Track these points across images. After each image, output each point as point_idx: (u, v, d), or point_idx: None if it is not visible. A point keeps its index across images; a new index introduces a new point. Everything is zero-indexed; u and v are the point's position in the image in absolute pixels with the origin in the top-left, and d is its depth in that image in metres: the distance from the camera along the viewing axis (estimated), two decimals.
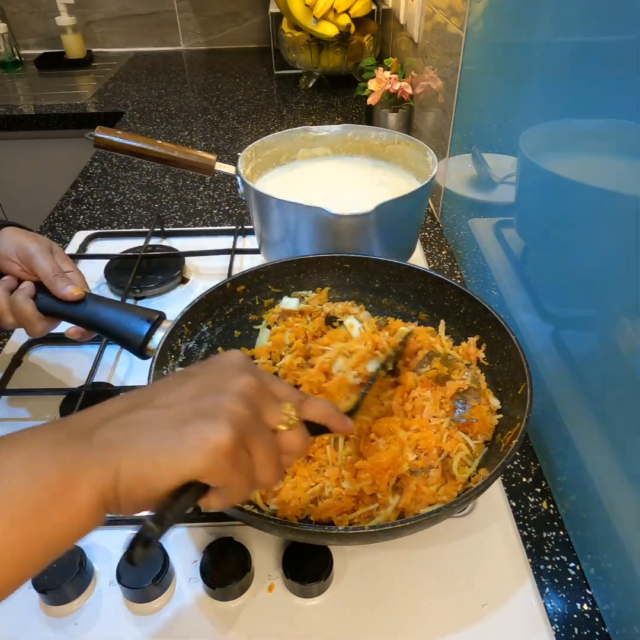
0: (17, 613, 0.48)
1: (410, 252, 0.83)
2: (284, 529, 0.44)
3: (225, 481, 0.32)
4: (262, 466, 0.35)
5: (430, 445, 0.53)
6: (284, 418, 0.36)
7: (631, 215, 0.43)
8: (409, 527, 0.44)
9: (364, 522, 0.49)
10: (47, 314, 0.61)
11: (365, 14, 1.56)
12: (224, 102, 1.65)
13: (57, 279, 0.60)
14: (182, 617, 0.48)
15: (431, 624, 0.48)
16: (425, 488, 0.50)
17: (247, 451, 0.34)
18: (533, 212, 0.66)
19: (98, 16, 2.02)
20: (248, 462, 0.34)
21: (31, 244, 0.61)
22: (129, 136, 0.77)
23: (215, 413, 0.33)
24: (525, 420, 0.50)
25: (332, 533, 0.44)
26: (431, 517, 0.44)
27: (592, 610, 0.50)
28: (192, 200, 1.15)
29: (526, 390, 0.52)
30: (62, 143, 1.61)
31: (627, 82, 0.44)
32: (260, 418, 0.35)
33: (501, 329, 0.59)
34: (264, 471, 0.35)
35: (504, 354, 0.59)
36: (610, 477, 0.48)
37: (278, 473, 0.36)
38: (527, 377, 0.53)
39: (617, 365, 0.47)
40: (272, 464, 0.35)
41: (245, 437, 0.33)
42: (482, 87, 0.82)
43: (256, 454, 0.34)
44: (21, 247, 0.60)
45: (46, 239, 0.63)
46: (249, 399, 0.35)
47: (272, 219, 0.75)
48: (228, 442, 0.31)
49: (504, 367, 0.59)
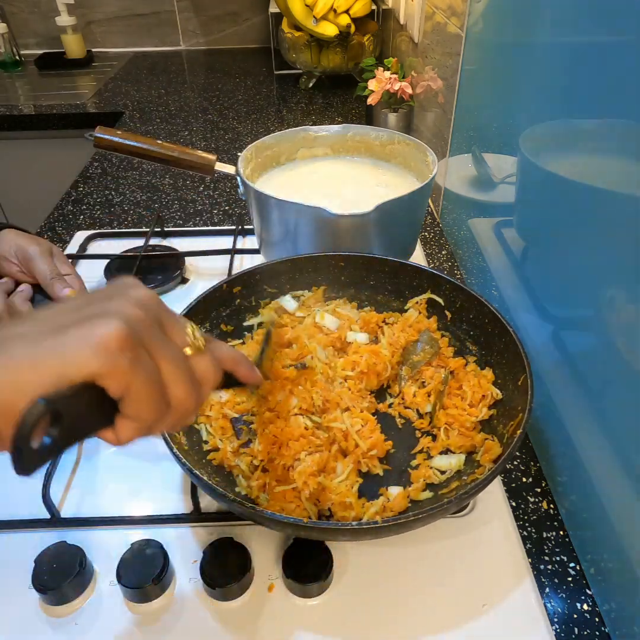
0: (17, 613, 0.48)
1: (410, 252, 0.83)
2: (297, 527, 0.44)
3: (127, 382, 0.28)
4: (172, 381, 0.30)
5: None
6: (188, 339, 0.33)
7: (631, 215, 0.43)
8: (421, 519, 0.44)
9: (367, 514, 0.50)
10: None
11: (365, 14, 1.56)
12: (224, 102, 1.65)
13: (54, 281, 0.60)
14: (182, 617, 0.48)
15: (431, 623, 0.48)
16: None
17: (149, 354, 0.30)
18: (533, 212, 0.66)
19: (98, 16, 2.02)
20: (152, 366, 0.30)
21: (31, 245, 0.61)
22: (129, 136, 0.77)
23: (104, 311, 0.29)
24: (527, 410, 0.50)
25: (346, 529, 0.44)
26: (443, 507, 0.44)
27: (592, 610, 0.50)
28: (192, 200, 1.15)
29: (526, 381, 0.53)
30: (62, 143, 1.61)
31: (627, 82, 0.44)
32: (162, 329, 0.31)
33: (498, 321, 0.60)
34: (174, 389, 0.31)
35: (502, 346, 0.59)
36: (610, 477, 0.48)
37: (193, 394, 0.32)
38: (527, 368, 0.54)
39: (617, 365, 0.47)
40: (183, 381, 0.31)
41: (142, 338, 0.29)
42: (482, 87, 0.82)
43: (161, 362, 0.30)
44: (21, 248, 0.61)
45: (46, 241, 0.63)
46: (146, 305, 0.31)
47: (272, 219, 0.75)
48: (120, 333, 0.27)
49: (502, 359, 0.60)
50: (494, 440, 0.55)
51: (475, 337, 0.64)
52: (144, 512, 0.56)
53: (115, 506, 0.57)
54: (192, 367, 0.32)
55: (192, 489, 0.56)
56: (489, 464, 0.52)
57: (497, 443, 0.54)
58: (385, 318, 0.69)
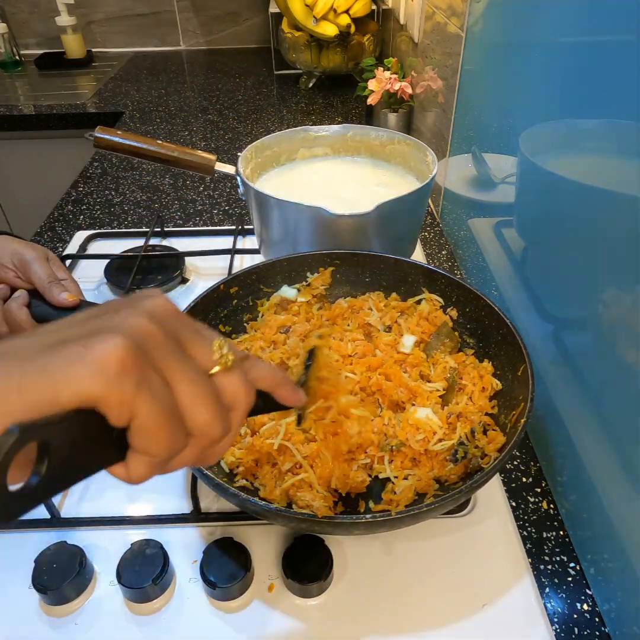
0: (17, 613, 0.48)
1: (410, 252, 0.84)
2: (312, 522, 0.45)
3: (131, 409, 0.24)
4: (191, 403, 0.26)
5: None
6: (214, 357, 0.28)
7: (631, 215, 0.43)
8: (434, 509, 0.44)
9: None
10: (42, 322, 0.60)
11: (365, 14, 1.56)
12: (224, 102, 1.65)
13: (52, 285, 0.59)
14: (182, 617, 0.48)
15: (431, 623, 0.48)
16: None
17: (161, 375, 0.26)
18: (533, 212, 0.66)
19: (98, 16, 2.02)
20: (164, 389, 0.25)
21: (27, 250, 0.61)
22: (129, 136, 0.77)
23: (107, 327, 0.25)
24: (530, 399, 0.51)
25: (360, 522, 0.44)
26: (454, 497, 0.44)
27: (592, 610, 0.50)
28: (192, 200, 1.15)
29: (526, 371, 0.53)
30: (62, 143, 1.61)
31: (627, 82, 0.44)
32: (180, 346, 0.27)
33: (494, 314, 0.60)
34: (194, 413, 0.26)
35: (500, 338, 0.60)
36: (610, 477, 0.48)
37: (220, 418, 0.27)
38: (526, 358, 0.54)
39: (617, 365, 0.47)
40: (205, 403, 0.27)
41: (153, 356, 0.25)
42: (482, 87, 0.82)
43: (177, 382, 0.26)
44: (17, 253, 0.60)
45: (42, 247, 0.63)
46: (160, 318, 0.27)
47: (272, 219, 0.75)
48: (123, 351, 0.24)
49: (500, 351, 0.60)
50: (496, 430, 0.55)
51: (473, 330, 0.65)
52: (144, 512, 0.56)
53: (115, 506, 0.57)
54: (217, 387, 0.28)
55: (192, 489, 0.56)
56: (494, 453, 0.52)
57: (500, 433, 0.54)
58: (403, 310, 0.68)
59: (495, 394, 0.59)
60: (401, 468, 0.53)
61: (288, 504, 0.51)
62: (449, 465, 0.53)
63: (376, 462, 0.54)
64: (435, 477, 0.53)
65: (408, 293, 0.70)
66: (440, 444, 0.54)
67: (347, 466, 0.52)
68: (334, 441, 0.53)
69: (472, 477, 0.49)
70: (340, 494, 0.52)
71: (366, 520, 0.43)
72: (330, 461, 0.51)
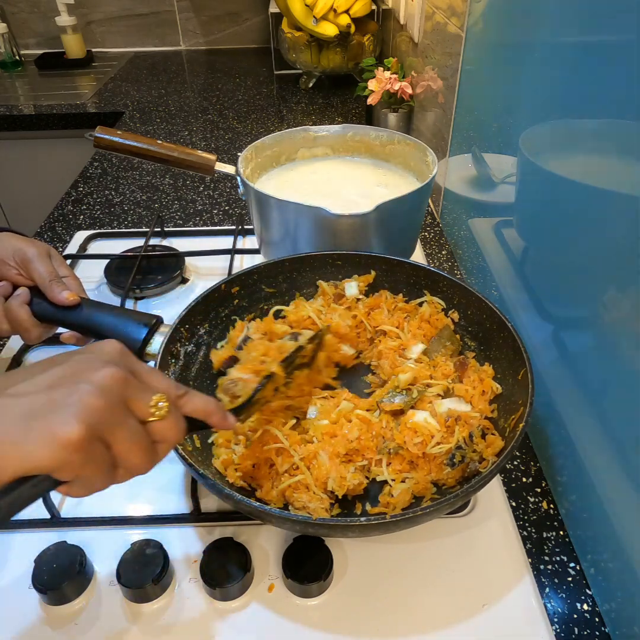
0: (17, 613, 0.48)
1: (410, 252, 0.83)
2: (307, 524, 0.44)
3: (77, 475, 0.33)
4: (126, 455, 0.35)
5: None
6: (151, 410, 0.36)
7: (631, 215, 0.43)
8: (429, 513, 0.44)
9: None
10: (43, 320, 0.61)
11: (365, 14, 1.56)
12: (224, 102, 1.65)
13: (53, 283, 0.59)
14: (182, 617, 0.48)
15: (431, 623, 0.48)
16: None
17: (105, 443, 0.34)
18: (533, 212, 0.66)
19: (98, 16, 2.02)
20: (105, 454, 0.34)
21: (29, 247, 0.60)
22: (129, 136, 0.77)
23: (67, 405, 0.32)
24: (529, 403, 0.50)
25: (354, 525, 0.44)
26: (450, 501, 0.44)
27: (592, 610, 0.50)
28: (192, 200, 1.15)
29: (526, 375, 0.53)
30: (62, 143, 1.61)
31: (627, 82, 0.44)
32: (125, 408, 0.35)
33: (496, 317, 0.60)
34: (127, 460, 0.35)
35: (501, 341, 0.59)
36: (610, 477, 0.48)
37: (148, 460, 0.36)
38: (527, 362, 0.54)
39: (617, 365, 0.47)
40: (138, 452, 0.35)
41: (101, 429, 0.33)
42: (482, 87, 0.82)
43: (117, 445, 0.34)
44: (19, 250, 0.60)
45: (44, 243, 0.63)
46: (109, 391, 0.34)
47: (272, 219, 0.75)
48: (77, 437, 0.31)
49: (501, 354, 0.60)
50: (495, 434, 0.55)
51: (474, 333, 0.64)
52: (144, 512, 0.56)
53: (115, 506, 0.57)
54: (151, 430, 0.36)
55: (192, 489, 0.56)
56: (492, 457, 0.52)
57: (498, 437, 0.54)
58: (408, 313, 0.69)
59: (496, 398, 0.59)
60: (399, 471, 0.53)
61: (285, 505, 0.51)
62: (446, 469, 0.53)
63: (374, 464, 0.54)
64: (432, 481, 0.53)
65: (410, 295, 0.70)
66: (438, 447, 0.53)
67: (344, 468, 0.52)
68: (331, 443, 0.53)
69: (469, 481, 0.49)
70: (337, 496, 0.52)
71: (360, 523, 0.43)
72: (328, 463, 0.52)
